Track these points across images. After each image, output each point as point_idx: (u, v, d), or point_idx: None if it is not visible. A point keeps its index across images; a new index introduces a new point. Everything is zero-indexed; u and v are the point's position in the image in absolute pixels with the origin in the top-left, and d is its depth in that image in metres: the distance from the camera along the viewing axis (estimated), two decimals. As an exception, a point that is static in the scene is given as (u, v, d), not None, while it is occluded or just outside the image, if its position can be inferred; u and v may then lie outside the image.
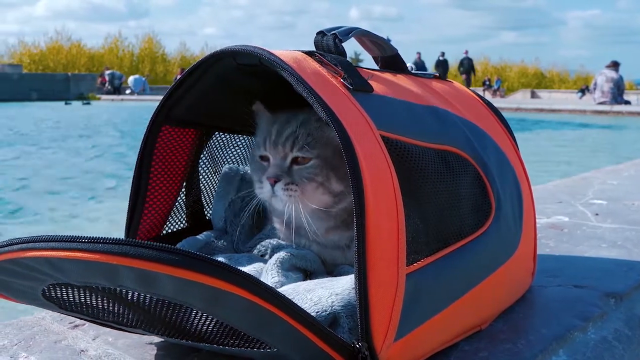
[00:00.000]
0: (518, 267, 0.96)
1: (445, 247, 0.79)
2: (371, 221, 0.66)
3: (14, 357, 0.82)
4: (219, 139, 1.08)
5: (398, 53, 0.97)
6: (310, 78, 0.72)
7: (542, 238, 1.44)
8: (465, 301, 0.81)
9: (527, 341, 0.87)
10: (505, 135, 1.01)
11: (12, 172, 6.51)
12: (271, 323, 0.62)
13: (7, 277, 0.64)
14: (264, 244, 0.96)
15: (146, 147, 0.94)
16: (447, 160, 0.82)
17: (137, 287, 0.61)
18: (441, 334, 0.81)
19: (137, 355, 0.81)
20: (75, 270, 0.59)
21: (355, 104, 0.73)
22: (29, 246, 0.59)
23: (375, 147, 0.70)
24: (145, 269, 0.56)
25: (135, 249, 0.56)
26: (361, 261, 0.65)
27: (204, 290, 0.58)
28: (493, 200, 0.87)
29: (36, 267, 0.60)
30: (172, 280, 0.57)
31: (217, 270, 0.57)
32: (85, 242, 0.56)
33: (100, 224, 4.22)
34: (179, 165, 0.99)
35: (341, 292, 0.74)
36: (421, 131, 0.80)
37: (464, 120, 0.91)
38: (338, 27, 0.86)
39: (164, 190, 0.98)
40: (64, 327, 0.91)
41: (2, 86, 24.09)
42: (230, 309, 0.62)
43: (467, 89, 1.05)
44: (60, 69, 34.52)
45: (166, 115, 0.93)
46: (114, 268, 0.57)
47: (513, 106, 14.98)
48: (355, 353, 0.66)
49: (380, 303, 0.67)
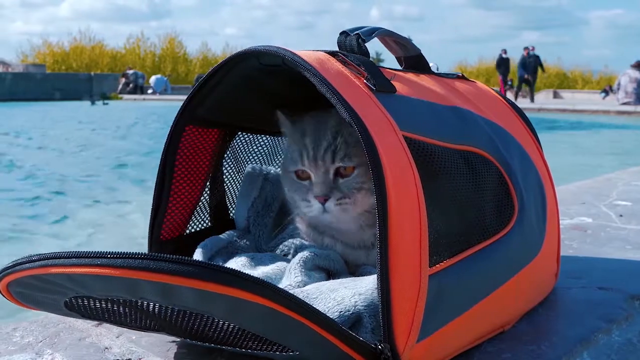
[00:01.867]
0: (541, 268, 0.96)
1: (468, 248, 0.78)
2: (393, 222, 0.66)
3: (39, 353, 0.83)
4: (242, 139, 1.08)
5: (421, 53, 0.97)
6: (333, 79, 0.72)
7: (565, 239, 1.43)
8: (488, 302, 0.80)
9: (550, 343, 0.87)
10: (529, 136, 1.00)
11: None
12: (292, 328, 0.62)
13: (29, 290, 0.65)
14: (286, 244, 0.96)
15: (170, 147, 0.94)
16: (470, 161, 0.82)
17: (158, 300, 0.62)
18: (464, 336, 0.80)
19: (160, 353, 0.82)
20: (97, 284, 0.60)
21: (378, 105, 0.73)
22: (49, 263, 0.59)
23: (397, 148, 0.70)
24: (166, 282, 0.56)
25: (155, 263, 0.56)
26: (383, 262, 0.65)
27: (225, 300, 0.58)
28: (516, 201, 0.87)
29: (58, 282, 0.61)
30: (193, 292, 0.57)
31: (237, 280, 0.58)
32: (105, 258, 0.57)
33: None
34: (203, 165, 1.00)
35: (364, 292, 0.74)
36: (444, 132, 0.80)
37: (487, 120, 0.91)
38: (361, 27, 0.86)
39: (187, 190, 0.98)
40: (88, 324, 0.92)
41: (27, 86, 24.35)
42: (251, 316, 0.62)
43: (491, 89, 1.05)
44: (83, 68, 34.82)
45: (190, 115, 0.93)
46: (134, 282, 0.57)
47: (535, 106, 14.88)
48: (378, 354, 0.66)
49: (403, 304, 0.67)
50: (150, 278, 0.56)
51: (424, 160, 0.74)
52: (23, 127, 11.68)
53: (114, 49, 39.33)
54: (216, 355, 0.80)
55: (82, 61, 36.55)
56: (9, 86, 24.09)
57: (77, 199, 5.24)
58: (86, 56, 37.08)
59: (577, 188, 2.23)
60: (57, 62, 36.34)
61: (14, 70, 28.05)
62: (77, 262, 0.58)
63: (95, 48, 38.09)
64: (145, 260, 0.56)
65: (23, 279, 0.62)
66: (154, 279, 0.56)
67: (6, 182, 6.15)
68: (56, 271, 0.59)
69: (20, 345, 0.85)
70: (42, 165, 7.07)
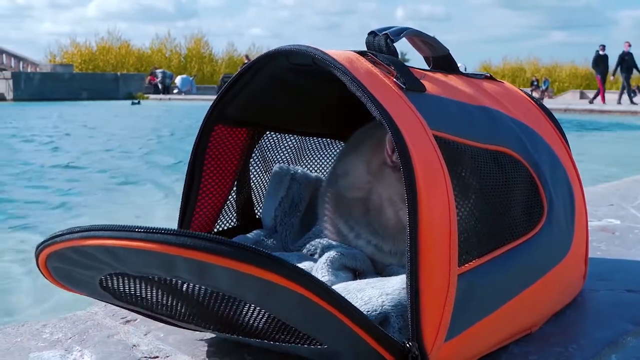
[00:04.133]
0: (570, 270, 0.95)
1: (497, 248, 0.78)
2: (424, 220, 0.66)
3: (68, 350, 0.84)
4: (270, 138, 1.09)
5: (449, 53, 0.96)
6: (363, 77, 0.72)
7: (593, 241, 1.41)
8: (516, 303, 0.80)
9: (578, 345, 0.86)
10: (557, 136, 0.99)
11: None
12: (323, 319, 0.62)
13: (67, 265, 0.65)
14: (313, 243, 0.97)
15: (199, 146, 0.95)
16: (499, 161, 0.82)
17: (192, 278, 0.62)
18: (492, 336, 0.80)
19: (188, 351, 0.82)
20: (133, 259, 0.60)
21: (408, 104, 0.73)
22: (89, 234, 0.59)
23: (428, 147, 0.70)
24: (202, 260, 0.56)
25: (192, 240, 0.56)
26: (413, 260, 0.65)
27: (258, 283, 0.58)
28: (545, 201, 0.86)
29: (96, 256, 0.61)
30: (227, 272, 0.57)
31: (272, 263, 0.57)
32: (143, 232, 0.57)
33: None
34: (231, 164, 1.00)
35: (392, 292, 0.74)
36: (473, 131, 0.80)
37: (515, 120, 0.90)
38: (389, 27, 0.86)
39: (215, 188, 0.99)
40: (116, 322, 0.93)
41: (54, 86, 24.63)
42: (282, 303, 0.62)
43: (519, 89, 1.04)
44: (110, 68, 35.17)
45: (219, 115, 0.94)
46: (170, 259, 0.57)
47: (562, 107, 14.75)
48: (406, 352, 0.66)
49: (432, 303, 0.66)
50: (186, 254, 0.56)
51: (454, 160, 0.74)
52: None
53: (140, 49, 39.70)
54: (243, 352, 0.81)
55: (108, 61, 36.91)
56: (38, 86, 24.39)
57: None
58: (113, 56, 37.44)
59: (604, 189, 2.21)
60: (85, 62, 36.73)
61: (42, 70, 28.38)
62: (115, 235, 0.58)
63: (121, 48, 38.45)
64: (182, 237, 0.56)
65: (63, 250, 0.62)
66: (190, 255, 0.56)
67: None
68: (95, 243, 0.59)
69: (49, 342, 0.87)
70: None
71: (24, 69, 29.69)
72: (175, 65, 37.82)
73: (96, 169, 6.60)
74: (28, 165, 6.81)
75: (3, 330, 0.90)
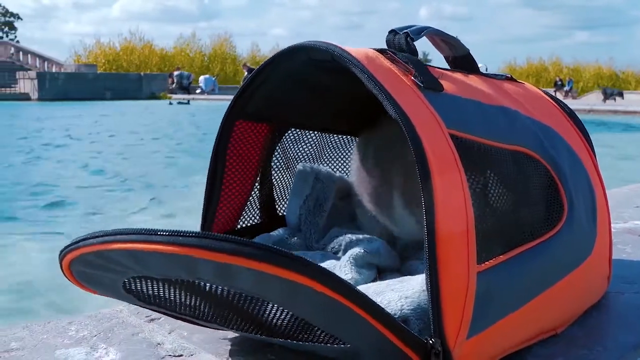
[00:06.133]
0: (593, 270, 0.94)
1: (517, 247, 0.77)
2: (440, 217, 0.66)
3: (94, 347, 0.85)
4: (291, 135, 1.08)
5: (470, 53, 0.96)
6: (381, 75, 0.72)
7: (618, 243, 1.40)
8: (539, 302, 0.80)
9: (603, 348, 0.85)
10: (579, 137, 0.99)
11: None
12: (347, 318, 0.62)
13: (91, 269, 0.66)
14: (337, 241, 0.97)
15: (221, 141, 0.95)
16: (518, 161, 0.82)
17: (215, 280, 0.62)
18: (515, 335, 0.80)
19: (211, 350, 0.83)
20: (156, 263, 0.60)
21: (425, 102, 0.73)
22: (111, 239, 0.60)
23: (444, 145, 0.70)
24: (225, 262, 0.56)
25: (215, 242, 0.56)
26: (431, 255, 0.65)
27: (282, 284, 0.58)
28: (565, 200, 0.86)
29: (119, 260, 0.62)
30: (251, 273, 0.57)
31: (296, 264, 0.57)
32: (166, 235, 0.57)
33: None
34: (253, 160, 1.00)
35: (411, 294, 0.74)
36: (491, 131, 0.79)
37: (535, 120, 0.90)
38: (410, 26, 0.86)
39: (238, 184, 0.99)
40: (140, 320, 0.94)
41: (79, 85, 24.90)
42: (307, 303, 0.62)
43: (539, 90, 1.04)
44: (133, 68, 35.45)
45: (240, 110, 0.94)
46: (193, 261, 0.57)
47: (585, 108, 14.63)
48: (429, 349, 0.66)
49: (452, 299, 0.66)
50: (209, 257, 0.56)
51: (471, 159, 0.74)
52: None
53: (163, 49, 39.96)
54: (267, 352, 0.81)
55: (132, 61, 37.20)
56: (62, 86, 24.66)
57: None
58: (136, 56, 37.74)
59: (630, 190, 2.19)
60: (109, 62, 37.05)
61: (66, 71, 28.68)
62: (137, 239, 0.58)
63: (145, 48, 38.74)
64: (205, 239, 0.56)
65: (85, 256, 0.63)
66: (213, 258, 0.56)
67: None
68: (117, 247, 0.59)
69: (75, 339, 0.87)
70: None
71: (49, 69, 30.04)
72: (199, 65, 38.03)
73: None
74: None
75: (30, 327, 0.91)
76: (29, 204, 5.22)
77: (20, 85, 25.71)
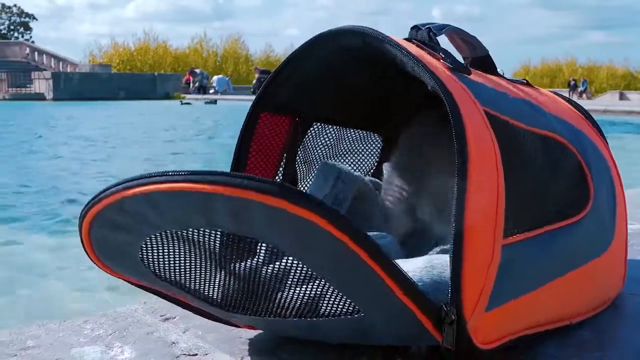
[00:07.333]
0: (610, 264, 0.95)
1: (543, 226, 0.78)
2: (472, 181, 0.66)
3: (109, 346, 0.85)
4: (310, 130, 1.08)
5: (489, 54, 0.96)
6: (415, 53, 0.74)
7: (634, 244, 1.39)
8: (558, 285, 0.80)
9: (617, 349, 0.85)
10: (599, 137, 0.99)
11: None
12: (359, 271, 0.61)
13: (109, 231, 0.66)
14: None
15: (245, 134, 0.96)
16: (548, 144, 0.83)
17: (229, 223, 0.61)
18: (532, 315, 0.80)
19: (226, 349, 0.83)
20: (174, 207, 0.61)
21: (457, 81, 0.74)
22: (132, 184, 0.60)
23: (479, 120, 0.71)
24: (239, 196, 0.56)
25: (229, 178, 0.57)
26: (458, 222, 0.65)
27: (295, 224, 0.57)
28: (592, 188, 0.87)
29: (135, 211, 0.62)
30: (265, 211, 0.57)
31: (310, 203, 0.57)
32: (181, 175, 0.58)
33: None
34: (275, 153, 1.00)
35: (413, 270, 0.72)
36: (521, 114, 0.81)
37: (558, 117, 0.91)
38: (432, 22, 0.86)
39: (261, 175, 0.99)
40: (155, 319, 0.94)
41: (93, 85, 25.02)
42: (320, 250, 0.61)
43: (556, 95, 1.04)
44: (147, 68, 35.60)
45: (266, 102, 0.95)
46: (209, 199, 0.58)
47: (600, 108, 14.55)
48: (444, 316, 0.64)
49: (475, 267, 0.66)
50: (223, 192, 0.57)
51: (504, 135, 0.74)
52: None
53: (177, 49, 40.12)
54: (280, 351, 0.82)
55: (146, 61, 37.36)
56: (77, 86, 24.79)
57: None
58: (150, 57, 37.90)
59: (645, 192, 2.17)
60: (123, 62, 37.24)
61: (80, 71, 28.84)
62: (155, 180, 0.59)
63: (159, 48, 38.91)
64: (219, 176, 0.57)
65: (105, 212, 0.63)
66: (227, 192, 0.56)
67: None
68: (136, 191, 0.60)
69: (90, 338, 0.88)
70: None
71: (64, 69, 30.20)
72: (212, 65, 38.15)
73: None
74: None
75: (46, 325, 0.92)
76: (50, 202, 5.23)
77: (36, 86, 25.86)
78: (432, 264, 0.74)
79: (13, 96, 24.97)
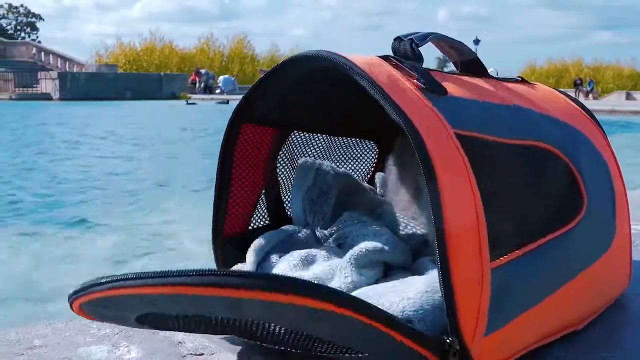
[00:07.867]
0: (613, 265, 0.94)
1: (533, 241, 0.78)
2: (448, 216, 0.66)
3: (115, 345, 0.85)
4: (299, 138, 1.08)
5: (477, 57, 0.96)
6: (383, 81, 0.73)
7: (639, 245, 1.39)
8: (559, 296, 0.80)
9: (623, 351, 0.85)
10: (599, 133, 0.99)
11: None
12: (359, 330, 0.63)
13: (102, 309, 0.67)
14: (343, 233, 0.95)
15: (227, 145, 0.96)
16: (533, 155, 0.82)
17: (227, 314, 0.63)
18: (536, 330, 0.80)
19: (232, 349, 0.83)
20: (166, 302, 0.61)
21: (427, 104, 0.74)
22: (116, 285, 0.60)
23: (449, 145, 0.71)
24: (233, 296, 0.58)
25: (221, 279, 0.58)
26: (442, 256, 0.66)
27: (292, 310, 0.59)
28: (584, 193, 0.86)
29: (128, 302, 0.63)
30: (260, 302, 0.59)
31: (302, 288, 0.59)
32: (170, 277, 0.58)
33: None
34: (260, 163, 1.01)
35: (413, 295, 0.74)
36: (500, 128, 0.80)
37: (551, 117, 0.90)
38: (415, 32, 0.86)
39: (246, 187, 0.99)
40: (161, 319, 0.94)
41: (99, 85, 25.06)
42: (315, 323, 0.63)
43: (555, 90, 1.04)
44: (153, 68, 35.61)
45: (245, 114, 0.95)
46: (202, 299, 0.59)
47: (607, 108, 14.49)
48: (447, 348, 0.66)
49: (466, 296, 0.66)
50: (217, 294, 0.58)
51: (480, 155, 0.74)
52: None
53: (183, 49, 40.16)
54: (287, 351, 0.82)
55: (152, 61, 37.39)
56: (83, 86, 24.83)
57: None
58: (156, 57, 37.92)
59: (648, 192, 2.17)
60: (129, 62, 37.27)
61: (87, 71, 28.91)
62: (143, 283, 0.59)
63: (165, 48, 38.93)
64: (211, 277, 0.58)
65: (96, 301, 0.63)
66: (221, 293, 0.58)
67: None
68: (125, 292, 0.60)
69: (97, 337, 0.88)
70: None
71: (70, 69, 30.26)
72: (218, 65, 38.15)
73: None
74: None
75: (53, 325, 0.92)
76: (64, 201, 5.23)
77: (42, 85, 25.91)
78: (433, 288, 0.74)
79: (19, 96, 25.01)
